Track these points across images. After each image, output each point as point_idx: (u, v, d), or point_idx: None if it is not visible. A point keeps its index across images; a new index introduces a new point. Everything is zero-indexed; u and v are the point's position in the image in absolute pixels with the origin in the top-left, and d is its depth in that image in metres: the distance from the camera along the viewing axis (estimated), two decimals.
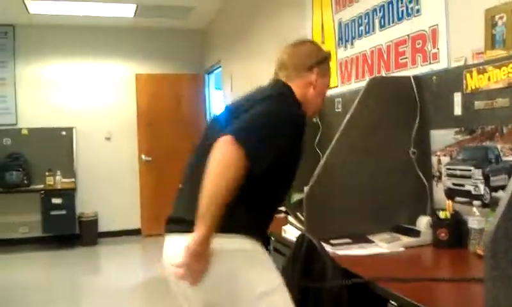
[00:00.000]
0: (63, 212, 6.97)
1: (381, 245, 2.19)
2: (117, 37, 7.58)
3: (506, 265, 1.23)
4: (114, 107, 7.62)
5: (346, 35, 3.54)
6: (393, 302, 1.61)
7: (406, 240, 2.22)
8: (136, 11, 6.69)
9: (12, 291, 5.05)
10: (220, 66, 7.08)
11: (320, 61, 1.91)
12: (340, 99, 3.36)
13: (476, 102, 2.12)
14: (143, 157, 7.61)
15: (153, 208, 7.47)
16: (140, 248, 7.27)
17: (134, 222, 7.60)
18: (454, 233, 2.13)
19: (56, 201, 6.94)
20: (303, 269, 1.95)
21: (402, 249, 2.17)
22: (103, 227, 7.41)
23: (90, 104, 7.53)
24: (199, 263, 1.51)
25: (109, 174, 7.53)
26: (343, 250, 2.13)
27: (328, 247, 2.07)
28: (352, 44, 3.47)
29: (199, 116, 7.78)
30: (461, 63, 2.29)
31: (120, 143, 7.62)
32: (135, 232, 7.56)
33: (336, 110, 3.35)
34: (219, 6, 6.72)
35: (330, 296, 1.80)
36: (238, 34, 6.16)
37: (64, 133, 7.30)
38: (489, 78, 2.06)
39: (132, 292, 5.04)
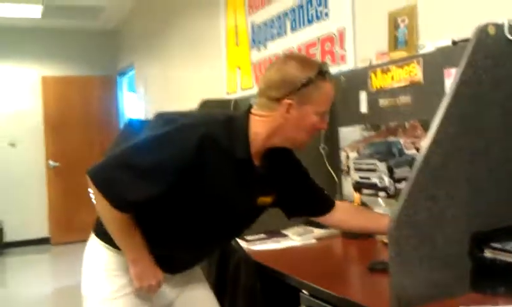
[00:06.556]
0: None
1: (294, 238, 2.26)
2: (23, 38, 7.18)
3: (408, 250, 1.30)
4: (18, 112, 7.22)
5: (259, 37, 3.60)
6: (304, 292, 1.65)
7: (317, 232, 2.30)
8: (42, 12, 6.36)
9: None
10: (133, 68, 6.93)
11: (296, 87, 1.43)
12: None
13: (381, 100, 2.24)
14: (51, 162, 7.25)
15: (62, 215, 7.15)
16: (49, 257, 6.90)
17: (43, 231, 7.22)
18: None
19: None
20: (218, 265, 1.97)
21: (314, 240, 2.24)
22: (8, 237, 6.98)
23: None
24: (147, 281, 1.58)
25: (15, 182, 7.11)
26: (257, 245, 2.18)
27: (243, 244, 2.13)
28: (265, 46, 3.54)
29: (111, 119, 7.55)
30: (367, 64, 2.40)
31: (26, 149, 7.21)
32: (43, 241, 7.18)
33: None
34: (130, 6, 6.58)
35: (245, 290, 1.83)
36: (151, 35, 6.06)
37: None
38: (392, 78, 2.18)
39: (41, 304, 4.77)
